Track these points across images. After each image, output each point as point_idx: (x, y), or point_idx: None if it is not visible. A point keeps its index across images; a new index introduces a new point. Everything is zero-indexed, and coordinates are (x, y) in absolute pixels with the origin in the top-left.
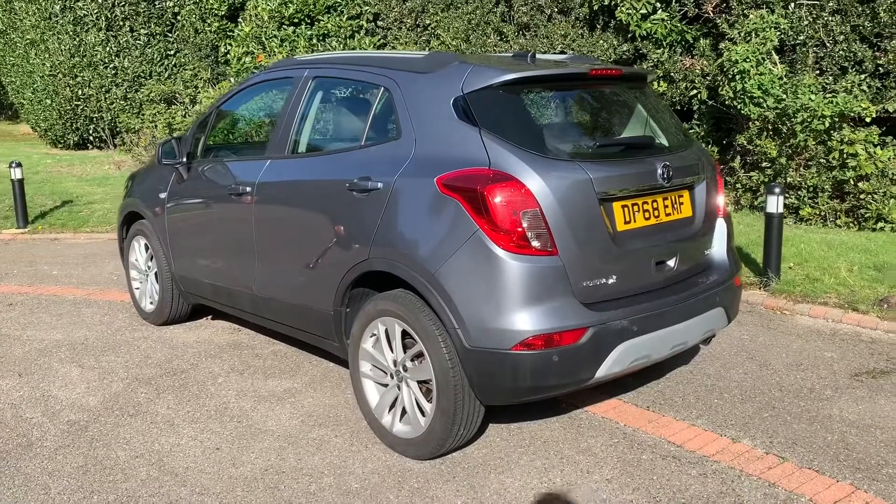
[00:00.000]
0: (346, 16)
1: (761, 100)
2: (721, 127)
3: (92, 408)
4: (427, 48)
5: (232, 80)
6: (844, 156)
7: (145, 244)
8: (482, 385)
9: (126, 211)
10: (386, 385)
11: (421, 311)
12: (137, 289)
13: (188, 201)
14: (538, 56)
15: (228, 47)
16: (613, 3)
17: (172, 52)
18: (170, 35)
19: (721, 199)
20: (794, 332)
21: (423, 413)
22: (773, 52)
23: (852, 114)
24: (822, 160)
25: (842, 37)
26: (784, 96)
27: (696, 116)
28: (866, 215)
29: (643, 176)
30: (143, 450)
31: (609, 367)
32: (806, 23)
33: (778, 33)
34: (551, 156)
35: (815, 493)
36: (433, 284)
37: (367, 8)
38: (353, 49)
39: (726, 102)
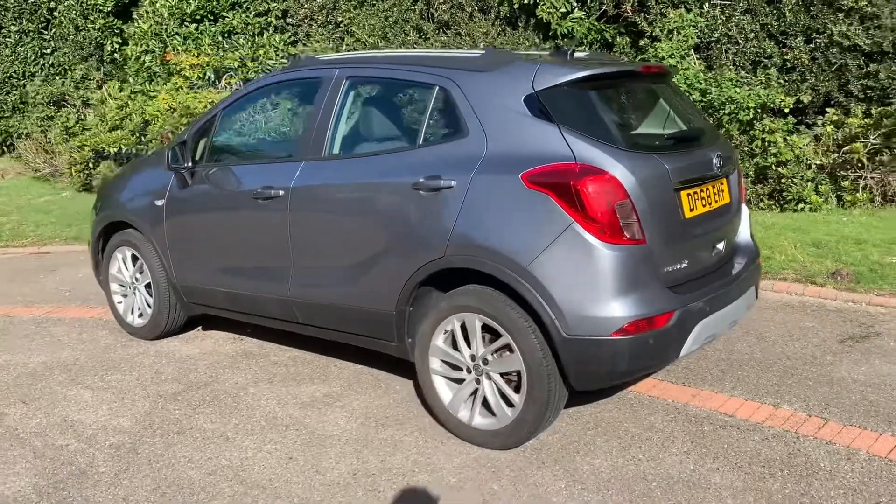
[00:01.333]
0: (252, 12)
1: (687, 94)
2: None
3: (129, 429)
4: (342, 46)
5: (132, 79)
6: (766, 143)
7: (132, 255)
8: (579, 372)
9: (105, 222)
10: (460, 380)
11: (506, 304)
12: (120, 303)
13: (196, 207)
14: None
15: (116, 45)
16: (533, 1)
17: (49, 51)
18: (45, 32)
19: (742, 186)
20: (769, 307)
21: (508, 404)
22: (691, 49)
23: (773, 105)
24: (745, 148)
25: (752, 35)
26: (710, 90)
27: None
28: (788, 197)
29: (704, 166)
30: (212, 466)
31: (689, 346)
32: (720, 21)
33: (696, 31)
34: (631, 149)
35: (868, 446)
36: (526, 277)
37: (274, 4)
38: (263, 46)
39: None
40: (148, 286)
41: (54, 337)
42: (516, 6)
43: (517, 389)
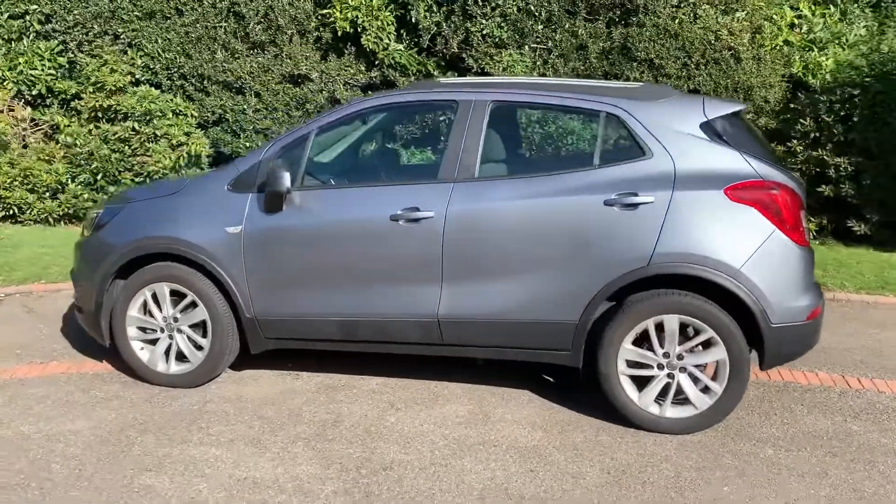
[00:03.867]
0: (6, 15)
1: (532, 127)
2: None
3: (333, 476)
4: (132, 60)
5: None
6: None
7: (170, 291)
8: (775, 355)
9: (132, 256)
10: (651, 377)
11: (707, 303)
12: (143, 349)
13: (300, 233)
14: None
15: None
16: (356, 29)
17: None
18: None
19: None
20: None
21: (706, 393)
22: None
23: None
24: None
25: (565, 75)
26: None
27: (443, 138)
28: None
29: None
30: (480, 490)
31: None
32: (539, 62)
33: (524, 71)
34: (781, 167)
35: None
36: (739, 278)
37: (34, 7)
38: (23, 54)
39: None
40: (195, 326)
41: (68, 399)
42: (340, 34)
43: (714, 378)
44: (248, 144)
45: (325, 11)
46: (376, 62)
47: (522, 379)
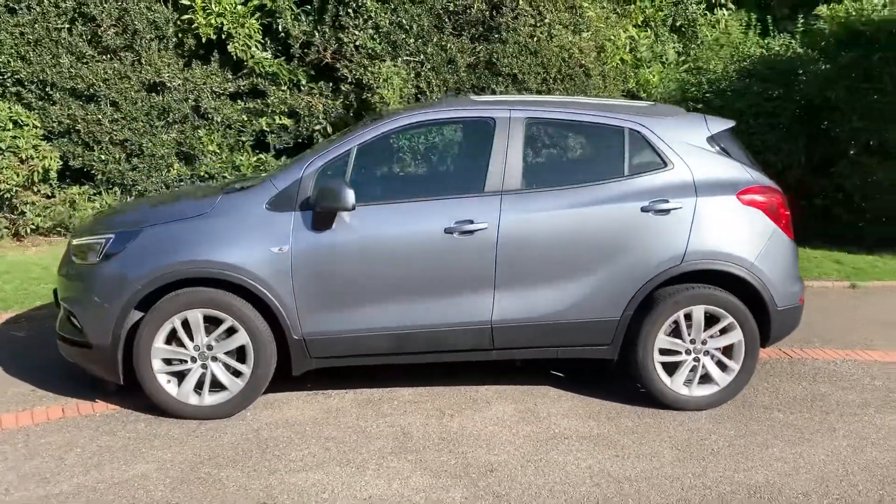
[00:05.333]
0: None
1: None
2: None
3: (459, 495)
4: None
5: None
6: None
7: (203, 317)
8: (778, 334)
9: (161, 284)
10: (680, 363)
11: (727, 294)
12: (169, 382)
13: (352, 249)
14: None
15: None
16: (223, 37)
17: None
18: None
19: None
20: None
21: (726, 371)
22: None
23: None
24: None
25: (437, 88)
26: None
27: None
28: None
29: None
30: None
31: None
32: (413, 75)
33: (401, 83)
34: (767, 176)
35: None
36: (754, 270)
37: None
38: None
39: None
40: (229, 352)
41: (100, 444)
42: (204, 40)
43: (730, 358)
44: (103, 157)
45: (186, 17)
46: (245, 70)
47: (536, 376)
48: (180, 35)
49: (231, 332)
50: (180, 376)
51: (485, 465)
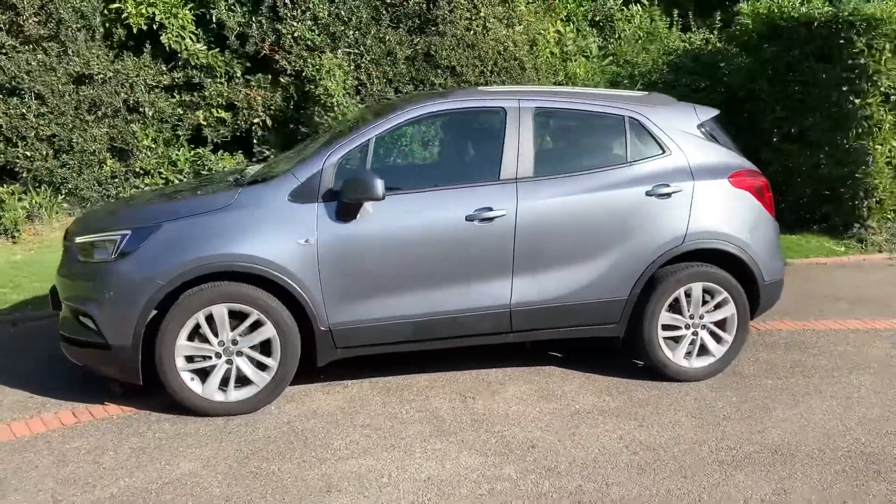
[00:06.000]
0: None
1: None
2: (289, 149)
3: (512, 470)
4: None
5: None
6: None
7: (227, 311)
8: (766, 306)
9: (187, 279)
10: (680, 337)
11: (722, 271)
12: (193, 380)
13: (376, 239)
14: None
15: None
16: (155, 27)
17: None
18: None
19: None
20: None
21: (720, 343)
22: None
23: None
24: None
25: (377, 80)
26: None
27: (256, 141)
28: None
29: None
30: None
31: None
32: (352, 67)
33: (343, 75)
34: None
35: None
36: (747, 249)
37: None
38: None
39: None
40: (254, 347)
41: (133, 446)
42: (135, 31)
43: (724, 330)
44: (28, 154)
45: (115, 6)
46: (179, 62)
47: (539, 358)
48: (108, 25)
49: (255, 325)
50: (202, 373)
51: (524, 442)
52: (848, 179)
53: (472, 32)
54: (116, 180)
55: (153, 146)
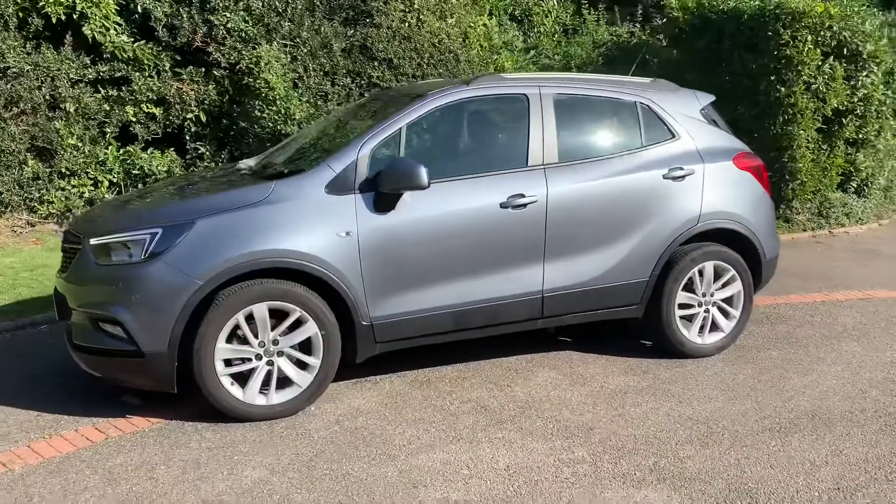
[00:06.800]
0: None
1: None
2: (224, 146)
3: (586, 453)
4: None
5: None
6: None
7: (269, 311)
8: (765, 281)
9: (228, 277)
10: (694, 315)
11: (730, 250)
12: (233, 385)
13: (416, 230)
14: None
15: None
16: (75, 17)
17: None
18: None
19: None
20: None
21: (728, 318)
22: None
23: None
24: None
25: (313, 72)
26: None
27: (189, 137)
28: None
29: None
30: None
31: None
32: (289, 59)
33: (281, 67)
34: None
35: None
36: (753, 227)
37: None
38: None
39: (266, 122)
40: (295, 347)
41: (185, 458)
42: (54, 21)
43: (731, 306)
44: None
45: None
46: (104, 55)
47: (550, 344)
48: (23, 14)
49: (297, 324)
50: (240, 377)
51: (580, 425)
52: (774, 164)
53: (406, 25)
54: (40, 182)
55: (79, 145)
